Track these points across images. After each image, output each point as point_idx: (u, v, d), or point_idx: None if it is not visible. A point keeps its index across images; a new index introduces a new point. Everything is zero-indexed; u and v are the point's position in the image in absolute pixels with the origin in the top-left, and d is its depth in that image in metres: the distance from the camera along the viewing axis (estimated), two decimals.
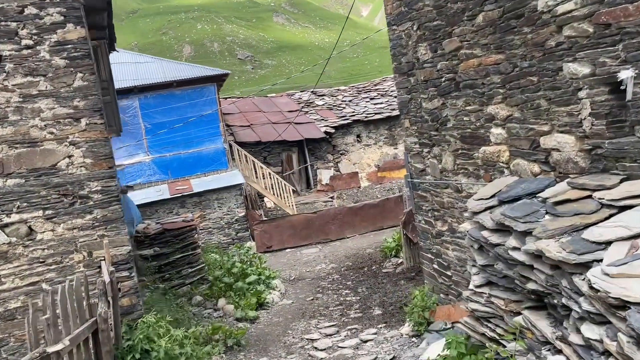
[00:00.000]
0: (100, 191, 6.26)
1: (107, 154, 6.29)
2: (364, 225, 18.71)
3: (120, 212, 6.35)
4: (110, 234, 6.31)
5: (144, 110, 18.82)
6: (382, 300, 11.28)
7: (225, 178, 19.23)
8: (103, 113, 6.29)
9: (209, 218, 18.70)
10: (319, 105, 25.63)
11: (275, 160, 23.27)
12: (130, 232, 12.87)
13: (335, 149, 24.20)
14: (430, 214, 7.40)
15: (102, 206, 6.27)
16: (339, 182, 23.46)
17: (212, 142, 19.45)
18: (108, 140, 6.32)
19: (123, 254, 6.36)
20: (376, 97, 25.90)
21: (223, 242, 18.78)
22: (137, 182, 18.90)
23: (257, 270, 12.86)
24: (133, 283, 6.40)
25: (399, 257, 14.01)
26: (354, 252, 16.52)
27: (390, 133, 24.52)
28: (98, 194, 6.25)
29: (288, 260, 17.22)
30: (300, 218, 18.49)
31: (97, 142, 6.26)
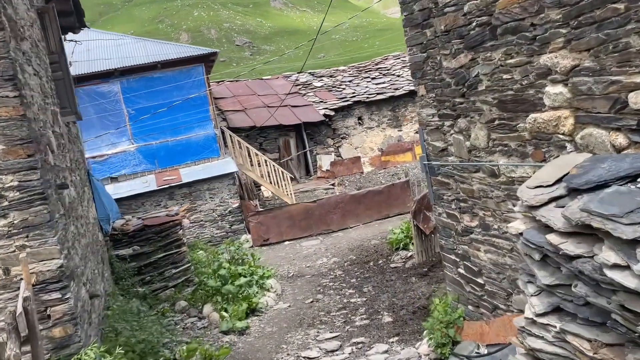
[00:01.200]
0: (18, 187, 4.61)
1: (24, 137, 4.62)
2: (368, 213, 17.06)
3: (47, 214, 4.70)
4: (33, 243, 4.68)
5: (127, 95, 17.13)
6: (391, 302, 9.66)
7: (217, 166, 17.57)
8: (17, 83, 4.62)
9: (200, 210, 17.08)
10: (317, 87, 23.87)
11: (271, 147, 21.58)
12: (106, 229, 11.25)
13: (336, 133, 22.49)
14: (454, 205, 5.73)
15: (20, 207, 4.63)
16: (340, 168, 21.78)
17: (202, 128, 17.77)
18: (26, 119, 4.65)
19: (52, 269, 4.73)
20: (378, 76, 24.11)
21: (216, 236, 17.18)
22: (121, 173, 17.27)
23: (249, 270, 11.25)
24: (68, 307, 4.77)
25: (408, 250, 12.38)
26: (357, 244, 14.89)
27: (394, 114, 22.77)
28: (14, 191, 4.61)
29: (286, 254, 15.61)
30: (299, 208, 16.86)
31: (10, 122, 4.60)
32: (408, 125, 22.73)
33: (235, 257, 11.67)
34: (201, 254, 12.49)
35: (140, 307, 9.68)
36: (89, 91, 16.82)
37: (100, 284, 8.13)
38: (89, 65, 16.88)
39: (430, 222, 10.75)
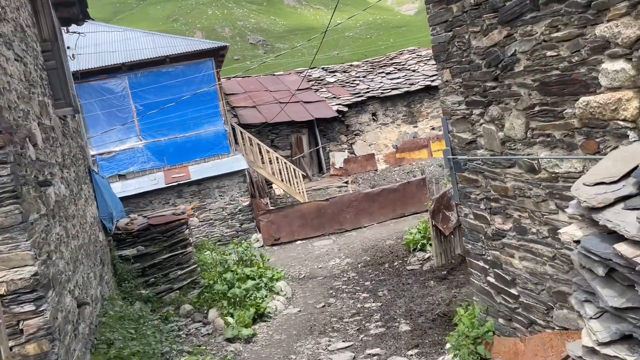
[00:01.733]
0: None
1: None
2: (382, 212, 16.34)
3: (19, 215, 4.08)
4: (2, 248, 4.05)
5: (135, 90, 16.58)
6: (408, 308, 8.95)
7: (227, 164, 16.96)
8: None
9: (210, 209, 16.48)
10: (330, 83, 23.16)
11: (283, 143, 20.93)
12: (109, 228, 10.69)
13: (349, 129, 21.77)
14: (483, 205, 5.02)
15: None
16: (354, 165, 21.08)
17: (212, 124, 17.16)
18: None
19: (25, 277, 4.11)
20: (392, 71, 23.33)
21: (226, 235, 16.57)
22: (129, 170, 16.73)
23: (257, 272, 10.60)
24: (44, 321, 4.15)
25: (425, 251, 11.66)
26: (372, 244, 14.19)
27: (409, 110, 21.99)
28: None
29: (298, 254, 14.96)
30: (311, 206, 16.19)
31: None
32: (424, 122, 21.95)
33: (243, 258, 11.04)
34: (208, 255, 11.88)
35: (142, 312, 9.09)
36: (96, 86, 16.30)
37: (96, 289, 7.53)
38: (96, 60, 16.36)
39: (450, 223, 10.02)
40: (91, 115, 16.26)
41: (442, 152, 22.25)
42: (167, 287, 10.65)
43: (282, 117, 20.26)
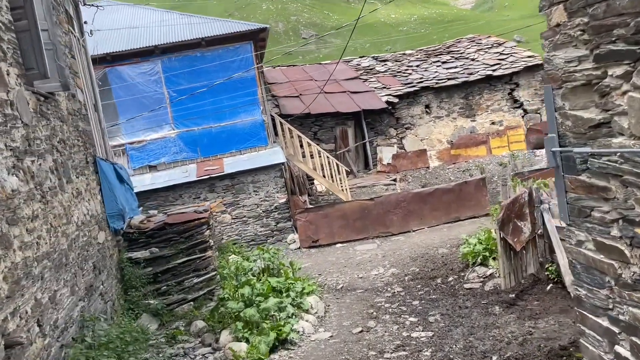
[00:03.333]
0: None
1: None
2: (434, 215, 14.22)
3: None
4: None
5: (168, 75, 15.10)
6: (467, 343, 6.89)
7: (264, 156, 15.25)
8: None
9: (243, 205, 14.81)
10: (381, 72, 21.07)
11: (327, 136, 19.05)
12: (116, 227, 9.14)
13: (399, 123, 19.63)
14: (617, 229, 2.95)
15: None
16: (403, 162, 18.96)
17: (249, 113, 15.48)
18: None
19: None
20: (449, 60, 21.00)
21: (260, 235, 14.87)
22: (160, 160, 15.28)
23: (284, 284, 8.77)
24: None
25: (487, 266, 9.51)
26: (421, 252, 12.12)
27: (467, 102, 19.62)
28: None
29: (337, 259, 13.08)
30: (353, 206, 14.25)
31: None
32: (483, 115, 19.55)
33: (270, 267, 9.23)
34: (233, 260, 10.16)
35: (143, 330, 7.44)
36: (126, 71, 14.90)
37: (73, 308, 5.88)
38: (127, 41, 14.96)
39: (522, 236, 7.87)
40: (121, 101, 14.88)
41: (502, 149, 19.81)
42: (181, 298, 9.01)
43: (326, 108, 18.39)
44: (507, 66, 19.50)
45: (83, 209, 7.24)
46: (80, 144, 7.86)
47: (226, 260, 9.89)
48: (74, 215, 6.68)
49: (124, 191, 10.23)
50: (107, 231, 8.50)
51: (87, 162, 8.14)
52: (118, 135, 15.12)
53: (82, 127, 8.21)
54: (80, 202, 7.13)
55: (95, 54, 13.66)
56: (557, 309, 7.39)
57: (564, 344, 6.17)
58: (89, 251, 7.10)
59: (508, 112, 19.53)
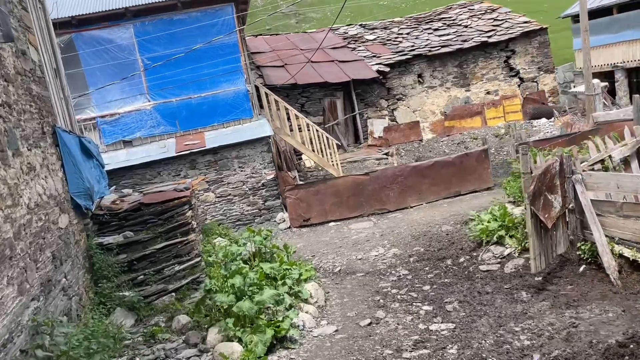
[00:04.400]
0: None
1: None
2: (433, 190, 13.15)
3: None
4: None
5: (141, 40, 13.59)
6: (499, 337, 5.82)
7: (249, 129, 13.93)
8: None
9: (228, 182, 13.53)
10: (370, 41, 19.74)
11: (315, 109, 17.76)
12: (88, 205, 7.84)
13: (391, 93, 18.41)
14: None
15: None
16: (396, 135, 17.82)
17: (231, 82, 14.09)
18: None
19: None
20: (441, 27, 19.76)
21: (247, 214, 13.65)
22: (136, 135, 13.85)
23: (279, 270, 7.60)
24: None
25: (504, 244, 8.46)
26: (423, 230, 11.05)
27: (461, 71, 18.46)
28: None
29: (331, 238, 11.96)
30: (347, 181, 13.09)
31: None
32: (477, 85, 18.43)
33: (261, 251, 8.04)
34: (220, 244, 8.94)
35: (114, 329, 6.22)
36: (95, 36, 13.36)
37: (26, 308, 4.63)
38: (95, 3, 13.38)
39: (553, 211, 6.79)
40: (91, 70, 13.36)
41: (498, 120, 18.76)
42: (160, 288, 7.78)
43: (314, 78, 17.07)
44: (503, 32, 18.36)
45: (38, 187, 5.92)
46: (33, 110, 6.49)
47: (212, 244, 8.65)
48: (24, 195, 5.38)
49: (92, 168, 8.89)
50: (71, 214, 7.20)
51: (44, 133, 6.78)
52: (88, 107, 13.65)
53: (36, 92, 6.83)
54: (33, 179, 5.82)
55: (59, 17, 12.12)
56: (597, 295, 6.35)
57: (621, 339, 5.13)
58: (46, 239, 5.81)
59: (504, 81, 18.45)
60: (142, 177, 13.13)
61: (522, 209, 8.86)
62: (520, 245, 8.16)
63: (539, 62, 18.52)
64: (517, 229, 8.47)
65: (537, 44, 18.39)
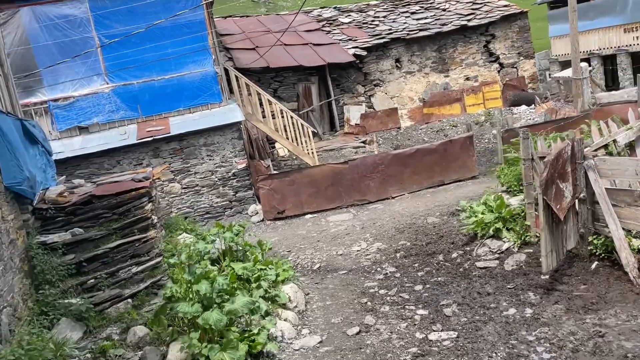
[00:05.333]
0: None
1: None
2: (415, 179, 12.27)
3: None
4: None
5: (98, 15, 12.24)
6: (511, 349, 4.95)
7: (219, 115, 12.77)
8: None
9: (195, 172, 12.37)
10: (345, 24, 18.71)
11: (288, 94, 16.67)
12: (29, 195, 6.65)
13: (367, 79, 17.46)
14: None
15: None
16: (373, 122, 16.90)
17: (199, 64, 12.88)
18: None
19: None
20: (419, 10, 18.87)
21: (216, 206, 12.53)
22: (92, 121, 12.53)
23: (254, 270, 6.58)
24: None
25: (501, 238, 7.62)
26: (407, 222, 10.15)
27: (440, 56, 17.62)
28: None
29: (308, 232, 10.98)
30: (325, 170, 12.10)
31: None
32: (457, 70, 17.63)
33: (232, 249, 6.99)
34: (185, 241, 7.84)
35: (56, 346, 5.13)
36: (45, 10, 11.96)
37: None
38: None
39: (564, 201, 5.94)
40: (41, 48, 11.97)
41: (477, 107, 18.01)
42: (114, 294, 6.67)
43: (287, 62, 15.97)
44: (482, 16, 17.59)
45: None
46: None
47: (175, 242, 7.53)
48: None
49: (36, 155, 7.68)
50: (5, 208, 6.01)
51: None
52: (39, 90, 12.26)
53: None
54: None
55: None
56: (617, 297, 5.55)
57: None
58: None
59: (483, 66, 17.70)
60: (99, 166, 11.86)
61: (519, 199, 8.05)
62: (519, 239, 7.35)
63: (519, 47, 17.84)
64: (515, 221, 7.65)
65: (517, 28, 17.70)
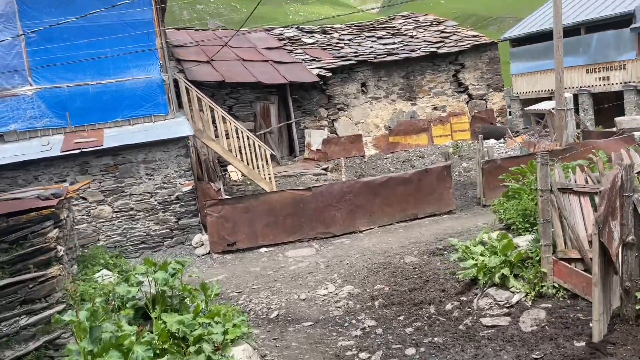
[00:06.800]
0: None
1: None
2: (387, 212, 10.67)
3: None
4: None
5: (24, 6, 10.18)
6: None
7: (163, 128, 10.82)
8: None
9: (131, 193, 10.28)
10: (308, 44, 17.28)
11: (245, 113, 14.91)
12: None
13: (331, 102, 15.96)
14: None
15: None
16: (336, 148, 15.34)
17: (143, 69, 10.96)
18: None
19: None
20: (385, 36, 17.71)
21: (154, 235, 10.44)
22: (10, 128, 10.30)
23: (192, 326, 4.66)
24: None
25: (508, 287, 6.02)
26: (381, 261, 8.45)
27: (408, 82, 16.39)
28: None
29: (263, 269, 9.10)
30: (285, 197, 10.31)
31: None
32: (424, 99, 16.43)
33: (165, 295, 5.05)
34: (103, 280, 5.80)
35: None
36: None
37: None
38: None
39: (613, 244, 4.42)
40: None
41: (445, 138, 16.78)
42: None
43: (245, 77, 14.25)
44: (452, 44, 16.59)
45: None
46: None
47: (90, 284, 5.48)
48: None
49: None
50: None
51: None
52: None
53: None
54: None
55: None
56: None
57: None
58: None
59: (452, 96, 16.61)
60: (12, 182, 9.61)
61: (527, 239, 6.51)
62: (532, 290, 5.78)
63: (488, 78, 16.93)
64: (524, 267, 6.10)
65: (487, 59, 16.81)
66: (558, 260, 5.64)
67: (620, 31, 17.78)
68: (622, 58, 17.91)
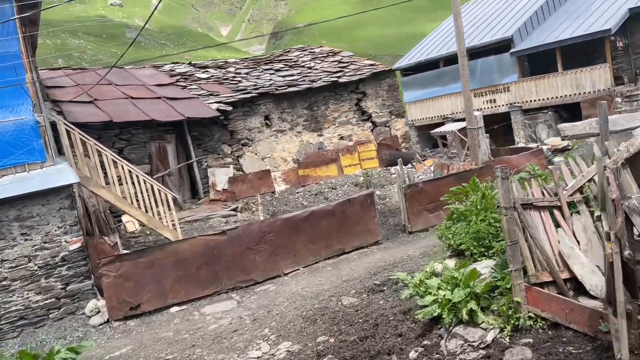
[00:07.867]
0: None
1: None
2: (311, 249, 9.62)
3: None
4: None
5: None
6: None
7: (40, 178, 8.92)
8: None
9: (2, 259, 8.22)
10: (203, 79, 16.04)
11: (138, 155, 13.21)
12: None
13: (234, 137, 14.76)
14: None
15: None
16: (243, 187, 14.07)
17: (11, 109, 9.04)
18: None
19: None
20: (283, 68, 17.02)
21: (35, 308, 8.40)
22: None
23: None
24: None
25: (477, 324, 5.18)
26: (316, 307, 7.34)
27: (312, 113, 15.70)
28: None
29: (177, 332, 7.58)
30: (195, 245, 8.85)
31: None
32: (330, 129, 15.83)
33: None
34: None
35: None
36: None
37: None
38: None
39: None
40: None
41: (354, 168, 16.22)
42: None
43: (136, 116, 12.65)
44: (352, 73, 16.28)
45: None
46: None
47: None
48: None
49: None
50: None
51: None
52: None
53: None
54: None
55: None
56: None
57: None
58: None
59: (357, 125, 16.20)
60: None
61: (486, 265, 5.76)
62: (507, 324, 4.98)
63: (389, 105, 16.80)
64: (491, 299, 5.31)
65: (387, 87, 16.71)
66: (531, 286, 4.91)
67: (502, 56, 18.68)
68: (506, 81, 18.79)
